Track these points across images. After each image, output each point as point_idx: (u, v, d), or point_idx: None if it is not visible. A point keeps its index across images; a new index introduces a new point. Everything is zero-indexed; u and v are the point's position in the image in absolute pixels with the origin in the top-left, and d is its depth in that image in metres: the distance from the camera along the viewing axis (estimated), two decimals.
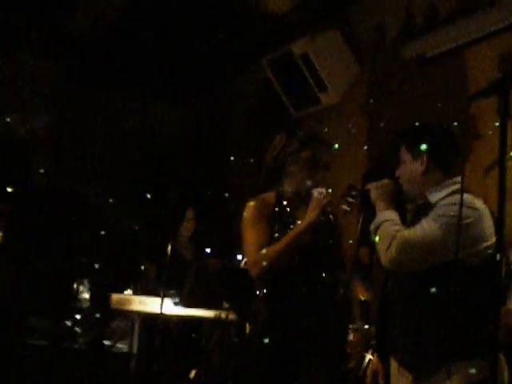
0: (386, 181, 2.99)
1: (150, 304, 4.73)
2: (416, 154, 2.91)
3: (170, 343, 5.04)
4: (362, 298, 4.54)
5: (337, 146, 3.50)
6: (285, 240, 3.21)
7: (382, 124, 5.63)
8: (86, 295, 6.51)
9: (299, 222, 3.26)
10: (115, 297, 4.86)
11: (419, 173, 2.90)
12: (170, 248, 4.30)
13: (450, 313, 2.68)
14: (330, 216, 3.37)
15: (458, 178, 2.90)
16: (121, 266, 6.36)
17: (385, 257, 2.76)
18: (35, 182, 6.68)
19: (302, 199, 3.33)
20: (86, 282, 6.52)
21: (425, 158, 2.89)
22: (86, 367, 5.69)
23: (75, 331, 6.00)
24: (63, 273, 6.22)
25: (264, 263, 3.16)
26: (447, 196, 2.84)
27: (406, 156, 2.95)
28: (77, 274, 6.48)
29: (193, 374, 4.83)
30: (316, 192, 3.22)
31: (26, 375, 5.31)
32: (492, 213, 2.87)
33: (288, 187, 3.37)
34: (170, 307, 4.76)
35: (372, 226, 2.87)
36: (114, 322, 5.79)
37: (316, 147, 3.33)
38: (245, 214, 3.35)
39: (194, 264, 5.43)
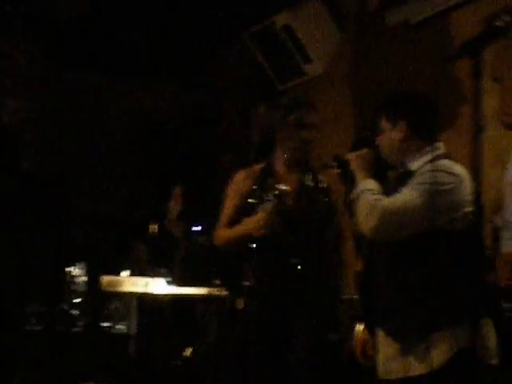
0: (365, 150, 2.96)
1: (142, 284, 4.71)
2: (394, 121, 2.88)
3: (164, 323, 5.02)
4: (357, 268, 4.51)
5: None
6: (235, 230, 3.29)
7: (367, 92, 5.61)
8: (84, 278, 6.49)
9: (282, 187, 3.28)
10: (106, 279, 4.83)
11: (398, 140, 2.87)
12: (156, 227, 4.25)
13: (433, 280, 2.67)
14: (322, 184, 3.36)
15: (439, 144, 2.89)
16: (113, 247, 6.34)
17: (365, 226, 2.73)
18: (22, 167, 6.63)
19: (289, 169, 3.36)
20: (82, 264, 6.49)
21: (403, 126, 2.86)
22: (84, 350, 5.69)
23: (72, 314, 5.98)
24: (55, 257, 6.18)
25: (219, 241, 3.31)
26: (426, 163, 2.81)
27: (385, 124, 2.92)
28: (71, 257, 6.44)
29: (188, 352, 4.83)
30: (265, 207, 3.23)
31: (24, 361, 5.29)
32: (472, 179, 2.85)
33: (281, 154, 3.38)
34: (162, 286, 4.74)
35: (352, 196, 2.84)
36: (113, 303, 5.78)
37: (302, 109, 3.34)
38: (230, 183, 3.41)
39: (183, 242, 5.41)
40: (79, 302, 6.01)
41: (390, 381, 2.85)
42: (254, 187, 3.37)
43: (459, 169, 2.76)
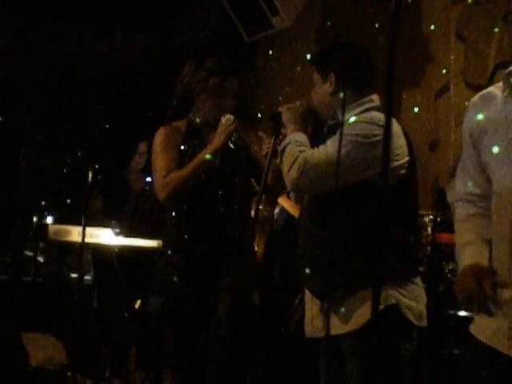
0: (297, 102, 2.88)
1: (89, 235, 4.60)
2: (324, 74, 2.81)
3: (114, 274, 4.96)
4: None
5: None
6: (190, 165, 3.21)
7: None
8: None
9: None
10: (52, 227, 4.74)
11: (328, 93, 2.80)
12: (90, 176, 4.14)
13: (357, 237, 2.59)
14: (240, 142, 3.32)
15: (372, 97, 2.81)
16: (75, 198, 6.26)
17: (287, 178, 2.68)
18: None
19: (211, 127, 3.31)
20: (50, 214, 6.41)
21: (333, 78, 2.78)
22: (48, 300, 5.65)
23: (38, 261, 5.91)
24: (13, 205, 6.10)
25: (170, 188, 3.19)
26: (356, 115, 2.72)
27: (316, 77, 2.86)
28: (37, 207, 6.36)
29: (137, 304, 4.77)
30: (223, 118, 3.22)
31: None
32: (405, 132, 2.76)
33: (197, 115, 3.36)
34: (111, 237, 4.65)
35: (279, 149, 2.77)
36: (85, 254, 5.72)
37: (224, 75, 3.27)
38: (155, 140, 3.36)
39: (134, 193, 5.33)
40: (45, 251, 5.95)
41: (316, 339, 2.81)
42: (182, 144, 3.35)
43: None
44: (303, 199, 2.88)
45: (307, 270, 2.73)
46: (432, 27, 4.91)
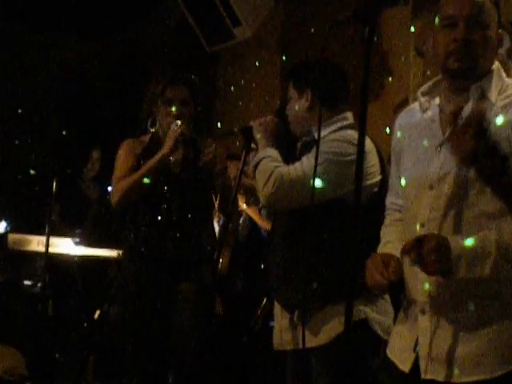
0: (268, 117, 2.88)
1: (50, 244, 4.57)
2: (301, 90, 2.82)
3: (72, 284, 4.93)
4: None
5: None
6: (139, 172, 3.30)
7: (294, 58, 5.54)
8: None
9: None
10: (12, 237, 4.71)
11: (304, 109, 2.81)
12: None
13: (327, 253, 2.62)
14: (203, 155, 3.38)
15: (346, 114, 2.83)
16: (29, 206, 6.19)
17: (262, 193, 2.67)
18: None
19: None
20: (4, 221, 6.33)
21: (309, 94, 2.79)
22: (2, 309, 5.56)
23: None
24: None
25: (119, 193, 3.29)
26: (332, 133, 2.75)
27: (292, 92, 2.86)
28: None
29: (97, 314, 4.74)
30: (172, 124, 3.29)
31: None
32: (379, 151, 2.81)
33: (159, 128, 3.43)
34: (71, 247, 4.63)
35: (251, 164, 2.76)
36: (37, 261, 5.66)
37: (167, 83, 3.37)
38: (118, 151, 3.44)
39: (96, 203, 5.30)
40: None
41: (285, 352, 2.83)
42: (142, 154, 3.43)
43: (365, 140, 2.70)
44: (276, 215, 2.89)
45: (277, 284, 2.76)
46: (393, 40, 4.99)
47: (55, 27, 7.03)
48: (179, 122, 3.27)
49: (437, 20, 2.07)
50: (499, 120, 1.94)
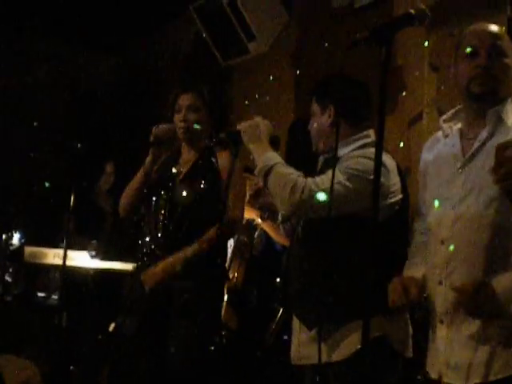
0: (258, 118, 2.82)
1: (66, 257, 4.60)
2: (324, 106, 2.82)
3: (88, 297, 4.95)
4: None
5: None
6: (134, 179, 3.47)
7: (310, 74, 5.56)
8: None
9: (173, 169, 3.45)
10: (28, 249, 4.74)
11: (327, 125, 2.81)
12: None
13: (347, 269, 2.62)
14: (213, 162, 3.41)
15: (369, 132, 2.82)
16: (45, 218, 6.23)
17: (289, 200, 2.59)
18: None
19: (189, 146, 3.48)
20: (19, 233, 6.37)
21: (332, 110, 2.80)
22: (15, 320, 5.58)
23: (7, 281, 5.86)
24: None
25: (121, 201, 3.51)
26: (354, 150, 2.76)
27: (315, 108, 2.87)
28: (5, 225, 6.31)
29: (112, 327, 4.75)
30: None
31: None
32: (400, 170, 2.81)
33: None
34: (86, 260, 4.65)
35: (259, 171, 2.68)
36: (51, 273, 5.68)
37: (178, 92, 3.46)
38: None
39: (111, 216, 5.33)
40: (14, 270, 5.90)
41: (301, 366, 2.83)
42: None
43: (387, 159, 2.70)
44: (296, 230, 2.88)
45: (296, 299, 2.76)
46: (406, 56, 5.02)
47: (70, 41, 7.09)
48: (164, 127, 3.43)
49: (460, 50, 2.25)
50: None
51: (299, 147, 5.23)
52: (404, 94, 5.10)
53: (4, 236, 5.93)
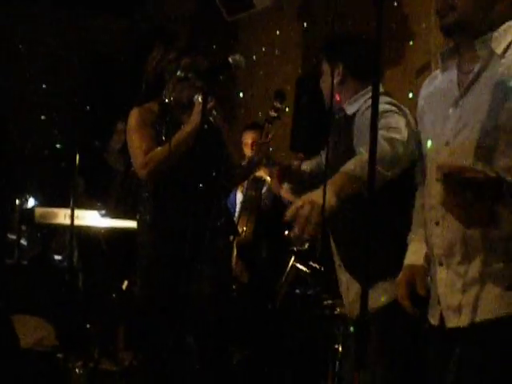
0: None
1: (76, 217, 4.62)
2: (333, 63, 2.82)
3: (101, 256, 4.99)
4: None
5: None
6: (172, 142, 3.23)
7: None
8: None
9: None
10: (39, 210, 4.76)
11: (336, 83, 2.80)
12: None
13: (392, 228, 2.57)
14: (215, 124, 3.36)
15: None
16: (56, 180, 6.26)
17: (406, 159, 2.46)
18: None
19: (183, 107, 3.37)
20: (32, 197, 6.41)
21: (340, 67, 2.80)
22: (33, 283, 5.66)
23: (21, 245, 5.92)
24: None
25: (152, 164, 3.25)
26: (365, 103, 2.72)
27: (325, 67, 2.87)
28: (18, 190, 6.35)
29: (125, 284, 4.80)
30: (198, 97, 3.23)
31: None
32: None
33: (169, 96, 3.39)
34: (96, 219, 4.67)
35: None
36: (64, 235, 5.73)
37: (195, 54, 3.36)
38: (129, 120, 3.42)
39: (120, 174, 5.34)
40: (29, 234, 5.95)
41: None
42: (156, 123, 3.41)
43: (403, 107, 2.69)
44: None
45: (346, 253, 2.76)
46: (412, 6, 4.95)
47: (77, 3, 7.06)
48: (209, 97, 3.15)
49: None
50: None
51: (306, 101, 5.22)
52: (411, 43, 5.04)
53: (18, 201, 5.99)
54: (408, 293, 2.16)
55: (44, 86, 7.05)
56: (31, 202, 6.19)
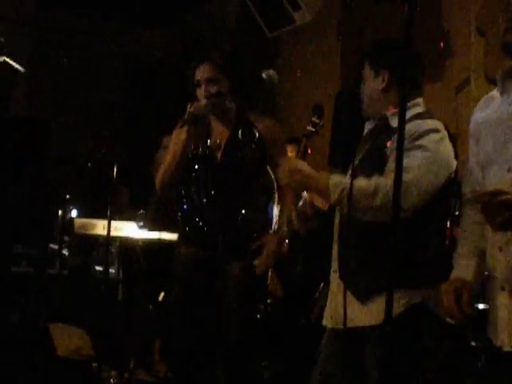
0: (284, 165, 2.77)
1: (113, 228, 4.67)
2: (377, 70, 2.75)
3: (139, 267, 5.03)
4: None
5: None
6: (169, 154, 3.41)
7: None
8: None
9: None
10: (78, 221, 4.84)
11: (380, 90, 2.74)
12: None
13: (400, 239, 2.57)
14: (255, 136, 3.38)
15: (419, 100, 2.74)
16: (99, 191, 6.33)
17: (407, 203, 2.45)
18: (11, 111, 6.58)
19: (217, 118, 3.44)
20: (75, 207, 6.49)
21: (386, 75, 2.73)
22: (73, 293, 5.73)
23: (63, 255, 6.00)
24: (38, 198, 6.17)
25: (158, 180, 3.44)
26: (409, 121, 2.69)
27: (368, 72, 2.79)
28: (61, 200, 6.44)
29: (161, 296, 4.84)
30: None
31: (13, 304, 5.31)
32: (450, 135, 2.75)
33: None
34: (134, 230, 4.72)
35: (337, 197, 2.55)
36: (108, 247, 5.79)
37: (195, 64, 3.38)
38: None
39: None
40: (70, 244, 6.03)
41: (336, 329, 2.80)
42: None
43: (442, 127, 2.64)
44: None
45: (347, 265, 2.71)
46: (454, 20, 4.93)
47: (119, 17, 7.17)
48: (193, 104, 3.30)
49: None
50: None
51: (345, 116, 5.21)
52: (451, 59, 5.02)
53: (60, 211, 6.09)
54: (456, 301, 2.15)
55: (91, 96, 7.16)
56: (74, 213, 6.28)
